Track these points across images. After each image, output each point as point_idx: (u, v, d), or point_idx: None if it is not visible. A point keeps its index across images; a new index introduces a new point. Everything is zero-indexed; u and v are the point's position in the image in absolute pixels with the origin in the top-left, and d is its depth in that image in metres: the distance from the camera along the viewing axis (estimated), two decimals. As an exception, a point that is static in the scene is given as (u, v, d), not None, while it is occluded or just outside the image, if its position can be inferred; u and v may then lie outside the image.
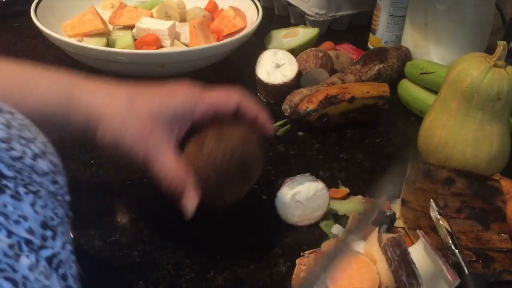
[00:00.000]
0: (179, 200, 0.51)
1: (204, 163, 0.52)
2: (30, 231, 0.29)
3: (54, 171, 0.34)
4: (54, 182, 0.33)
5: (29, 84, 0.50)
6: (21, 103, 0.47)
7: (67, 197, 0.35)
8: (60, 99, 0.50)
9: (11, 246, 0.27)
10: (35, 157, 0.32)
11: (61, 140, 0.52)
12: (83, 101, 0.51)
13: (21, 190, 0.30)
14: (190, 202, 0.51)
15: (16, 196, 0.29)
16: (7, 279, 0.25)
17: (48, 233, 0.30)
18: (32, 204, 0.30)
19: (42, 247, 0.29)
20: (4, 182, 0.29)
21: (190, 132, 0.54)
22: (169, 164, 0.51)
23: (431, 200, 0.61)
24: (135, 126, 0.50)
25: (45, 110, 0.49)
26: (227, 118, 0.55)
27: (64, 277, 0.29)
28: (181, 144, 0.54)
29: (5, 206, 0.28)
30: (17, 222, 0.28)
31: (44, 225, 0.30)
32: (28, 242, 0.28)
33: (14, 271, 0.26)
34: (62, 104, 0.50)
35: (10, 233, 0.27)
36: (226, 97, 0.55)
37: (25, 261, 0.27)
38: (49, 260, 0.29)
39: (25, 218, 0.29)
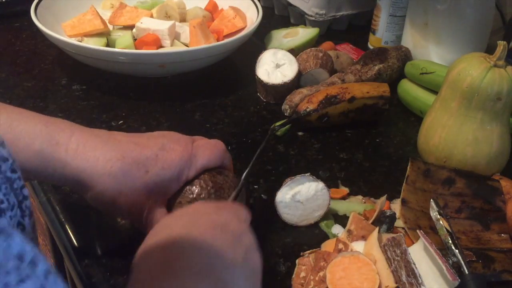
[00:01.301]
0: None
1: None
2: None
3: (14, 162, 0.34)
4: (13, 171, 0.33)
5: (7, 138, 0.47)
6: None
7: (25, 192, 0.35)
8: (38, 162, 0.48)
9: None
10: None
11: None
12: (68, 167, 0.48)
13: None
14: None
15: None
16: None
17: None
18: None
19: None
20: None
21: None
22: None
23: (431, 200, 0.61)
24: (131, 197, 0.50)
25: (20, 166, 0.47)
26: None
27: None
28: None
29: None
30: None
31: None
32: None
33: None
34: (41, 165, 0.48)
35: None
36: (215, 158, 0.56)
37: None
38: None
39: None
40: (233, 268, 0.41)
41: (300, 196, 0.61)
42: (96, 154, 0.49)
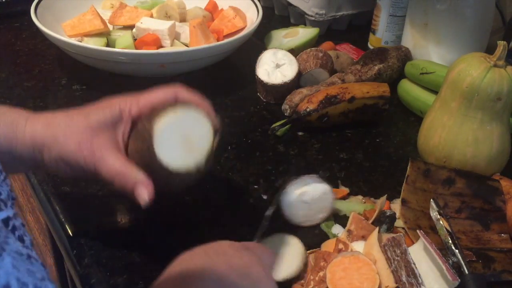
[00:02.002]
0: (133, 193, 0.52)
1: (144, 156, 0.52)
2: None
3: None
4: None
5: None
6: None
7: (8, 181, 0.35)
8: (5, 141, 0.51)
9: None
10: None
11: None
12: (26, 134, 0.52)
13: None
14: (146, 191, 0.51)
15: None
16: None
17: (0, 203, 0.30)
18: None
19: None
20: None
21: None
22: (119, 162, 0.52)
23: (431, 200, 0.61)
24: (76, 136, 0.52)
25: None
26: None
27: (21, 239, 0.29)
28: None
29: None
30: None
31: None
32: None
33: None
34: (7, 144, 0.51)
35: None
36: (161, 93, 0.56)
37: None
38: (5, 222, 0.29)
39: None
40: None
41: (306, 196, 0.61)
42: (44, 117, 0.53)
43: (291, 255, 0.56)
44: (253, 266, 0.42)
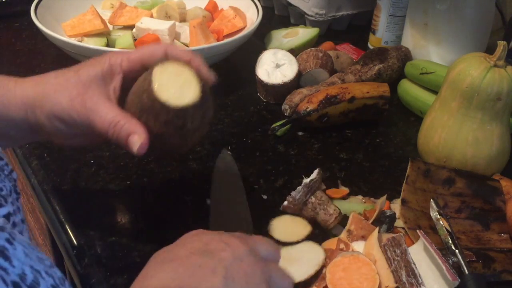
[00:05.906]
0: (127, 144, 0.51)
1: (143, 110, 0.51)
2: None
3: None
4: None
5: None
6: None
7: (14, 175, 0.35)
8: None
9: None
10: None
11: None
12: (17, 95, 0.52)
13: None
14: (137, 137, 0.51)
15: None
16: None
17: (1, 198, 0.30)
18: None
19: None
20: None
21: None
22: (112, 113, 0.51)
23: (431, 200, 0.61)
24: (67, 91, 0.52)
25: None
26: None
27: (21, 234, 0.29)
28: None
29: None
30: None
31: None
32: None
33: None
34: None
35: None
36: (150, 49, 0.56)
37: None
38: (6, 217, 0.30)
39: None
40: None
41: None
42: (34, 78, 0.54)
43: (311, 262, 0.56)
44: (212, 242, 0.43)
